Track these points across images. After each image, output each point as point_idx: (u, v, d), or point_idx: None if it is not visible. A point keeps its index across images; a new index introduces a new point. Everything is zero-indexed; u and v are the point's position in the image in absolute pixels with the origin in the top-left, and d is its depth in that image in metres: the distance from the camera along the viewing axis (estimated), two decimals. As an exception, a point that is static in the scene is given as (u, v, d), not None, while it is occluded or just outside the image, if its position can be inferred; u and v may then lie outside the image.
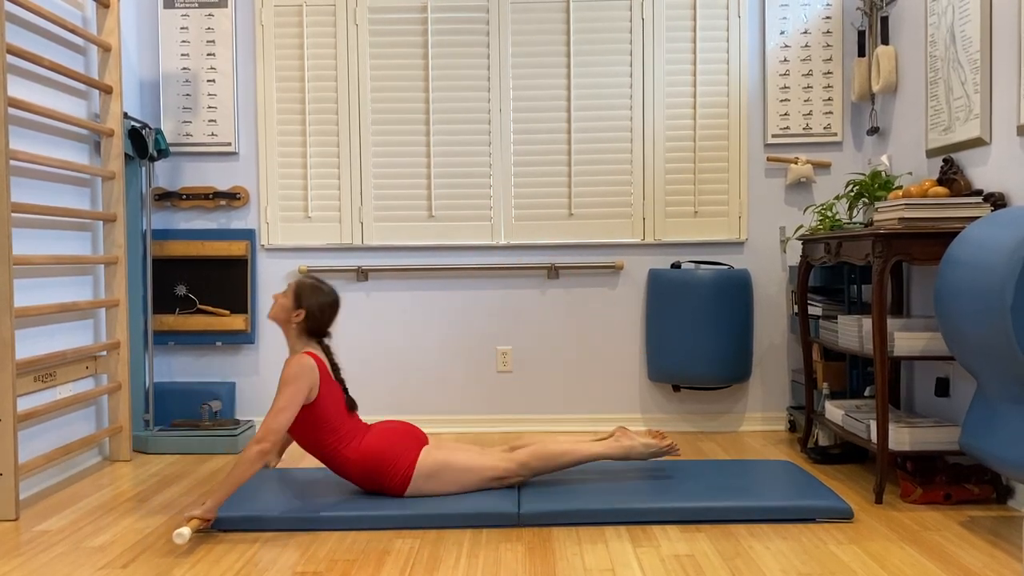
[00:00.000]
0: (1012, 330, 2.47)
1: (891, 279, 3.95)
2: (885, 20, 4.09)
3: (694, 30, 4.50)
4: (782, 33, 4.50)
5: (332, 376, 3.10)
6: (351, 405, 3.13)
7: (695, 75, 4.51)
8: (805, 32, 4.49)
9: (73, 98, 3.87)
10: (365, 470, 3.07)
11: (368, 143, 4.55)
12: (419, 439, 3.17)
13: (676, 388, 4.54)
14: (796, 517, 2.99)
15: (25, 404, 3.44)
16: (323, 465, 3.73)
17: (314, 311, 3.10)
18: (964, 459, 3.41)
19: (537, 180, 4.54)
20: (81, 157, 3.92)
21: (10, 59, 3.39)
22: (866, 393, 3.98)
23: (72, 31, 3.70)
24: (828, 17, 4.48)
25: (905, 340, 3.26)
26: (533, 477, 3.21)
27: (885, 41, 4.09)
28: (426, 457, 3.09)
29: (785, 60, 4.50)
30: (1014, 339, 2.47)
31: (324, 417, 3.03)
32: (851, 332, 3.55)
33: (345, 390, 3.14)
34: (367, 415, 4.55)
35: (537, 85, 4.53)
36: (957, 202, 3.17)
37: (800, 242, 4.50)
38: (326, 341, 3.17)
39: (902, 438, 3.22)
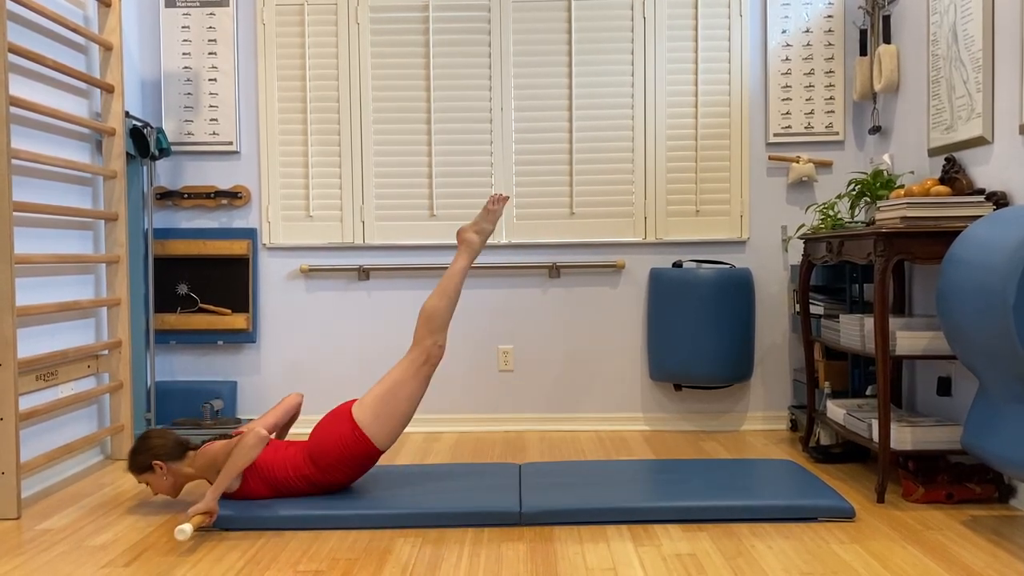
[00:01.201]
0: (1014, 329, 2.47)
1: (893, 278, 3.95)
2: (887, 19, 4.08)
3: (695, 29, 4.50)
4: (784, 32, 4.49)
5: (222, 444, 3.10)
6: (227, 436, 3.17)
7: (697, 74, 4.51)
8: (807, 31, 4.49)
9: (75, 97, 3.87)
10: (330, 468, 3.08)
11: (369, 142, 4.55)
12: (344, 406, 3.17)
13: (678, 387, 4.54)
14: (798, 516, 2.99)
15: (27, 403, 3.44)
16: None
17: (163, 451, 3.08)
18: (966, 458, 3.41)
19: (538, 179, 4.54)
20: (83, 156, 3.92)
21: (12, 58, 3.39)
22: (868, 392, 3.98)
23: (74, 30, 3.70)
24: (830, 16, 4.48)
25: (907, 339, 3.26)
26: (444, 331, 3.21)
27: (887, 40, 4.09)
28: (359, 409, 3.11)
29: (787, 59, 4.49)
30: (1016, 338, 2.47)
31: (266, 461, 3.07)
32: (853, 331, 3.54)
33: (224, 435, 3.16)
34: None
35: (538, 84, 4.53)
36: (959, 201, 3.17)
37: (802, 241, 4.50)
38: (190, 449, 3.15)
39: (904, 437, 3.22)
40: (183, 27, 4.53)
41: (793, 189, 4.55)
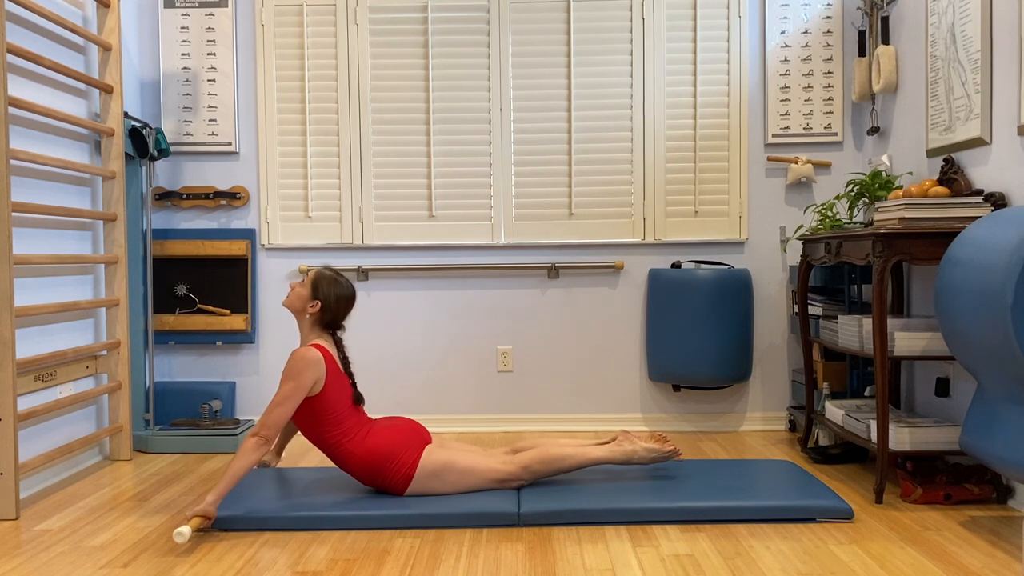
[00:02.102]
0: (1012, 330, 2.47)
1: (891, 279, 3.95)
2: (885, 20, 4.09)
3: (694, 30, 4.50)
4: (783, 33, 4.50)
5: (340, 369, 3.11)
6: (357, 399, 3.14)
7: (695, 75, 4.51)
8: (805, 32, 4.49)
9: (74, 98, 3.87)
10: (367, 466, 3.07)
11: (368, 143, 4.55)
12: (423, 438, 3.17)
13: (676, 388, 4.54)
14: (796, 517, 2.99)
15: (25, 403, 3.44)
16: (323, 464, 3.73)
17: (330, 303, 3.12)
18: (964, 459, 3.41)
19: (537, 180, 4.54)
20: (82, 157, 3.92)
21: (11, 58, 3.40)
22: (866, 393, 3.98)
23: (72, 30, 3.70)
24: (828, 17, 4.48)
25: (905, 340, 3.26)
26: (534, 480, 3.21)
27: (885, 41, 4.09)
28: (429, 456, 3.09)
29: (786, 60, 4.50)
30: (1014, 339, 2.47)
31: (329, 410, 3.04)
32: (851, 332, 3.55)
33: (353, 384, 3.15)
34: (368, 414, 4.55)
35: (538, 85, 4.53)
36: (957, 202, 3.17)
37: (800, 242, 4.50)
38: (339, 334, 3.19)
39: (902, 438, 3.22)
40: (182, 28, 4.53)
41: (792, 190, 4.55)
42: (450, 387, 4.59)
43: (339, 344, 3.17)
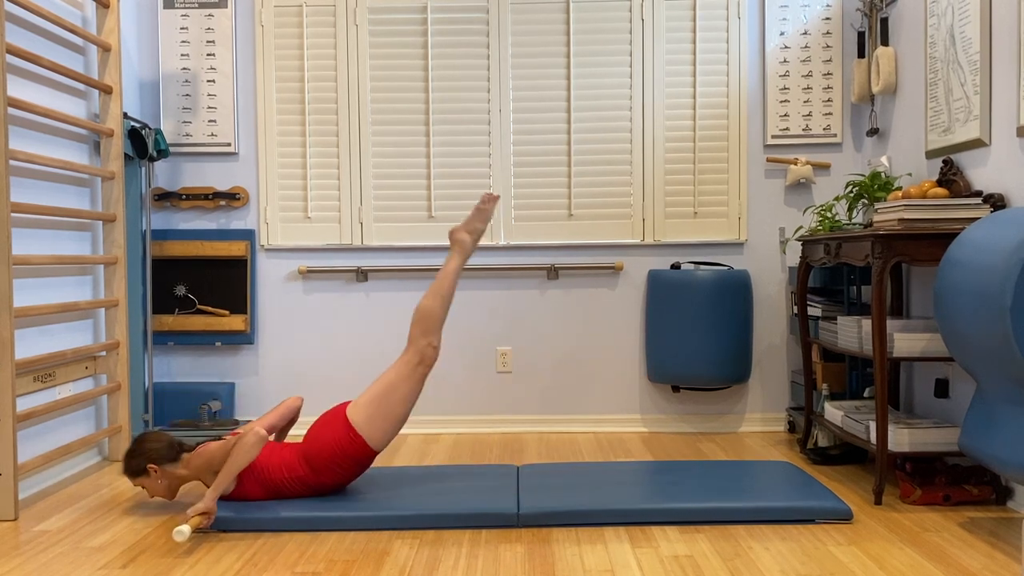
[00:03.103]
0: (1011, 331, 2.47)
1: (891, 280, 3.95)
2: (885, 21, 4.09)
3: (694, 31, 4.50)
4: (782, 34, 4.50)
5: (222, 449, 3.08)
6: (221, 437, 3.16)
7: (695, 76, 4.51)
8: (805, 33, 4.50)
9: (73, 98, 3.87)
10: (324, 469, 3.07)
11: (368, 143, 4.55)
12: (338, 408, 3.18)
13: (676, 389, 4.54)
14: (795, 518, 2.99)
15: (24, 404, 3.44)
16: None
17: (157, 454, 3.07)
18: (963, 460, 3.41)
19: (537, 181, 4.54)
20: (81, 157, 3.92)
21: (10, 59, 3.39)
22: (865, 394, 3.98)
23: (72, 31, 3.70)
24: (828, 18, 4.49)
25: (904, 341, 3.26)
26: (438, 332, 3.21)
27: (885, 42, 4.09)
28: (353, 410, 3.11)
29: (785, 61, 4.50)
30: (1013, 340, 2.47)
31: (262, 465, 3.07)
32: (851, 333, 3.55)
33: (218, 436, 3.19)
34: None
35: (537, 86, 4.53)
36: (957, 203, 3.17)
37: (800, 243, 4.50)
38: (185, 450, 3.14)
39: (901, 439, 3.22)
40: (181, 28, 4.53)
41: (791, 191, 4.55)
42: (449, 388, 4.59)
43: (194, 447, 3.15)
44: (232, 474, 2.90)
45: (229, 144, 4.55)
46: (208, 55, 4.54)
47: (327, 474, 3.09)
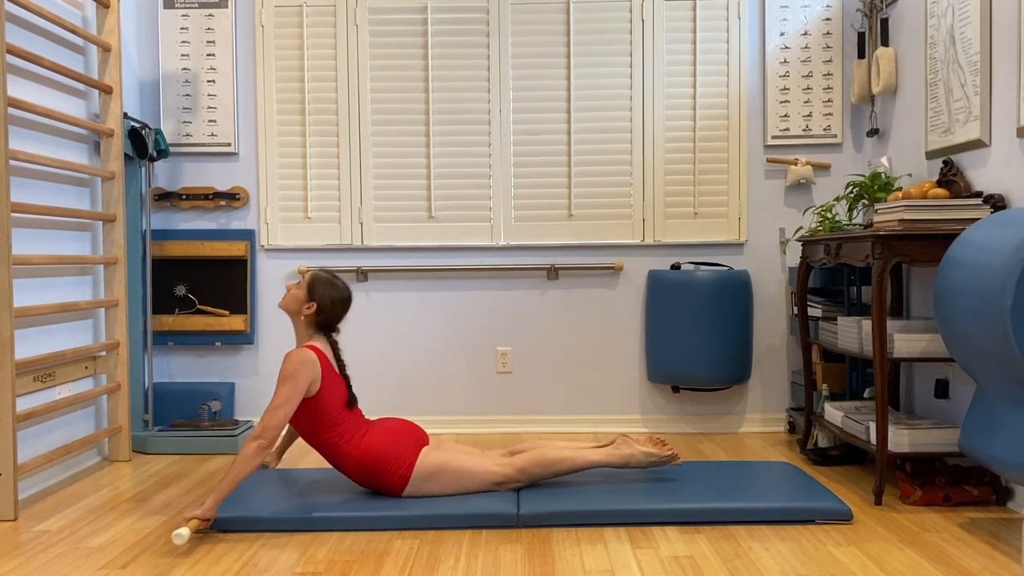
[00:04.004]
0: (1012, 332, 2.47)
1: (891, 280, 3.96)
2: (885, 22, 4.09)
3: (694, 31, 4.50)
4: (782, 34, 4.50)
5: (336, 370, 3.10)
6: (351, 401, 3.13)
7: (695, 76, 4.51)
8: (805, 34, 4.50)
9: (73, 98, 3.87)
10: (363, 467, 3.07)
11: (368, 144, 4.55)
12: (420, 439, 3.17)
13: (676, 389, 4.54)
14: (795, 519, 2.99)
15: (24, 404, 3.44)
16: (322, 465, 3.73)
17: (326, 305, 3.11)
18: (964, 461, 3.41)
19: (537, 181, 4.54)
20: (81, 157, 3.92)
21: (10, 59, 3.39)
22: (866, 394, 3.98)
23: (72, 31, 3.70)
24: (828, 19, 4.49)
25: (905, 342, 3.26)
26: (531, 483, 3.21)
27: (885, 43, 4.09)
28: (426, 458, 3.09)
29: (785, 61, 4.50)
30: (1014, 341, 2.47)
31: (324, 411, 3.03)
32: (851, 333, 3.55)
33: (349, 386, 3.14)
34: (367, 415, 4.55)
35: (537, 86, 4.53)
36: (957, 204, 3.17)
37: (800, 243, 4.50)
38: (334, 336, 3.19)
39: (901, 440, 3.22)
40: (182, 28, 4.53)
41: (791, 191, 4.55)
42: (449, 388, 4.59)
43: (334, 346, 3.17)
44: (232, 485, 2.85)
45: (229, 144, 4.55)
46: (208, 55, 4.54)
47: (362, 471, 3.07)
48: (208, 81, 4.54)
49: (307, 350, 3.02)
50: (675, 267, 4.47)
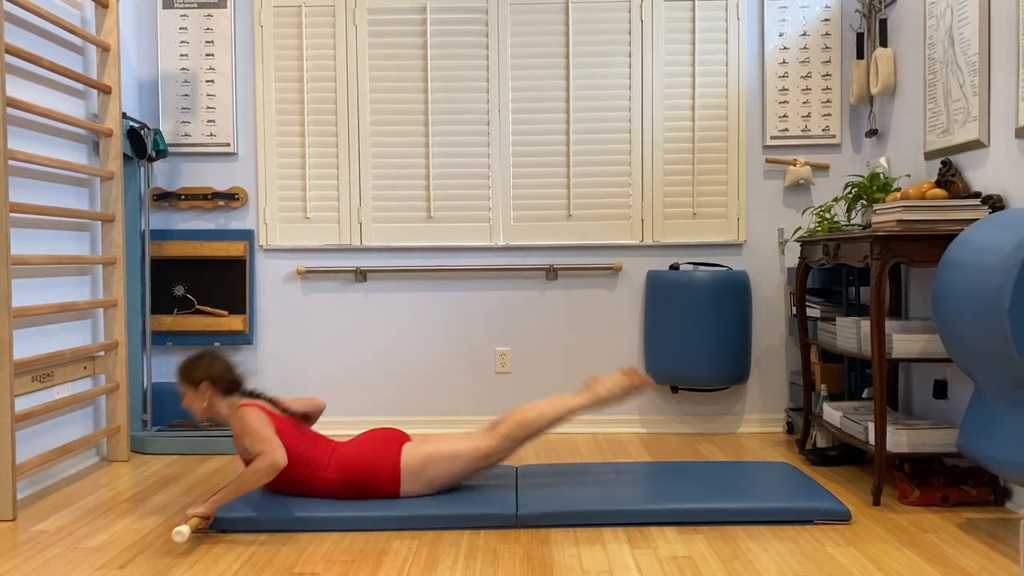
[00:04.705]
0: (1010, 332, 2.47)
1: (889, 281, 3.96)
2: (884, 22, 4.09)
3: (693, 32, 4.50)
4: (781, 35, 4.50)
5: (270, 408, 3.08)
6: (301, 420, 3.13)
7: (694, 76, 4.51)
8: (804, 34, 4.50)
9: (72, 98, 3.87)
10: (349, 483, 3.06)
11: (367, 144, 4.55)
12: (398, 438, 3.16)
13: (674, 389, 4.54)
14: (794, 519, 2.99)
15: (23, 404, 3.44)
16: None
17: (215, 374, 3.07)
18: (962, 461, 3.41)
19: (536, 181, 4.54)
20: (80, 157, 3.92)
21: (9, 59, 3.39)
22: (864, 395, 3.98)
23: (71, 31, 3.70)
24: (827, 19, 4.49)
25: (903, 342, 3.26)
26: (520, 447, 3.19)
27: (884, 43, 4.09)
28: (409, 453, 3.09)
29: (784, 62, 4.50)
30: (1012, 342, 2.47)
31: (290, 451, 3.03)
32: (849, 334, 3.55)
33: (292, 413, 3.12)
34: (365, 416, 4.55)
35: (536, 86, 4.53)
36: (955, 204, 3.17)
37: (798, 244, 4.50)
38: (245, 390, 3.14)
39: (900, 440, 3.22)
40: (180, 28, 4.53)
41: (790, 192, 4.55)
42: (448, 388, 4.59)
43: (253, 394, 3.13)
44: (238, 493, 2.85)
45: (228, 144, 4.55)
46: (207, 55, 4.54)
47: (347, 487, 3.07)
48: (207, 81, 4.54)
49: (242, 408, 3.01)
50: (674, 267, 4.47)
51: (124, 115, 4.11)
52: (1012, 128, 3.10)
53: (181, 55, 4.54)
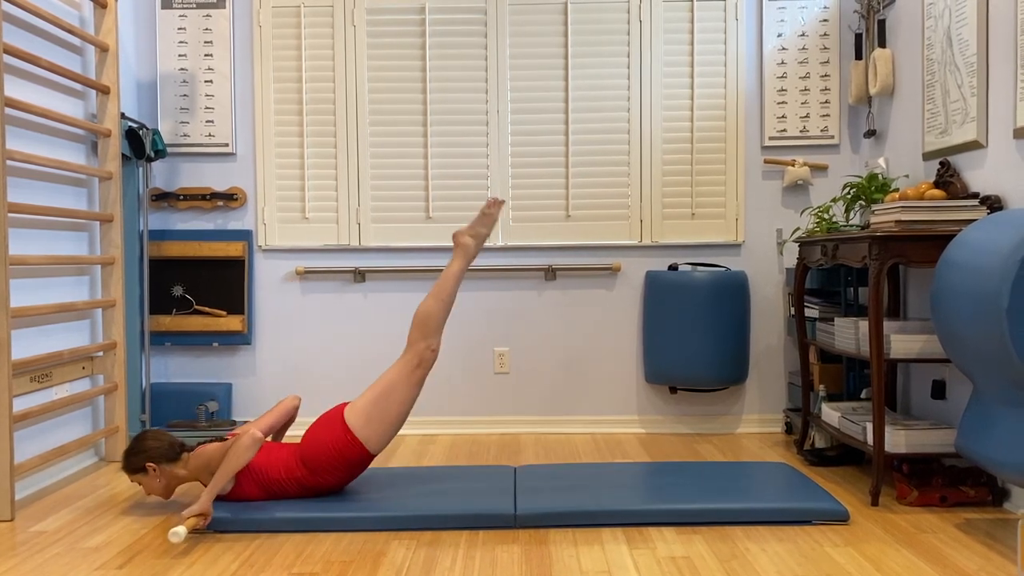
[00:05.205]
0: (1008, 333, 2.48)
1: (887, 281, 3.96)
2: (882, 23, 4.09)
3: (692, 32, 4.50)
4: (779, 36, 4.50)
5: (217, 446, 3.10)
6: (222, 438, 3.16)
7: (693, 77, 4.52)
8: (802, 35, 4.50)
9: (70, 98, 3.87)
10: (320, 471, 3.07)
11: (366, 144, 4.55)
12: (337, 409, 3.17)
13: (673, 390, 4.54)
14: (792, 519, 2.99)
15: (21, 404, 3.44)
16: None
17: (157, 453, 3.07)
18: (960, 461, 3.41)
19: (535, 182, 4.55)
20: (78, 157, 3.92)
21: (7, 59, 3.39)
22: (862, 395, 3.98)
23: (69, 31, 3.70)
24: (825, 20, 4.49)
25: (901, 342, 3.26)
26: (438, 337, 3.20)
27: (882, 44, 4.10)
28: (351, 412, 3.10)
29: (782, 63, 4.50)
30: (1010, 342, 2.48)
31: (254, 471, 3.06)
32: (848, 334, 3.55)
33: (219, 437, 3.16)
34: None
35: (535, 87, 4.53)
36: (953, 205, 3.18)
37: (797, 244, 4.51)
38: (188, 447, 3.16)
39: (898, 440, 3.22)
40: (179, 28, 4.53)
41: (788, 192, 4.55)
42: (447, 389, 4.59)
43: (196, 446, 3.15)
44: (228, 476, 2.90)
45: (227, 144, 4.55)
46: (206, 55, 4.54)
47: (324, 475, 3.09)
48: (206, 81, 4.54)
49: (194, 452, 3.09)
50: (672, 268, 4.47)
51: (123, 115, 4.11)
52: (1010, 129, 3.10)
53: (180, 55, 4.54)
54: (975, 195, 3.29)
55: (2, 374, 3.10)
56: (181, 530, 2.70)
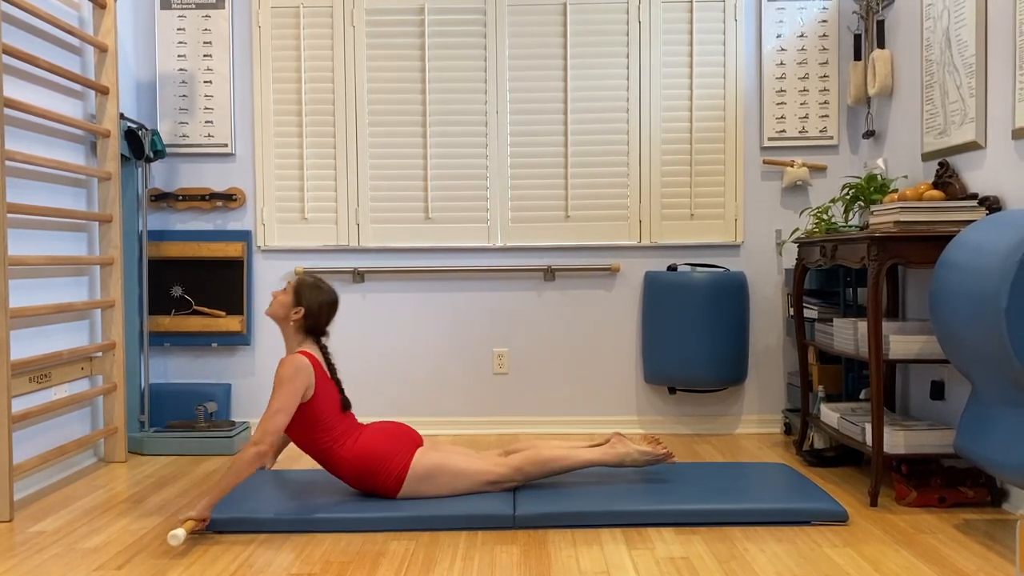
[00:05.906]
0: (1006, 334, 2.48)
1: (886, 282, 3.96)
2: (881, 24, 4.10)
3: (691, 32, 4.51)
4: (778, 36, 4.50)
5: (328, 375, 3.11)
6: (345, 405, 3.13)
7: (692, 77, 4.52)
8: (801, 35, 4.50)
9: (69, 99, 3.87)
10: (358, 470, 3.06)
11: (365, 145, 4.55)
12: (414, 440, 3.17)
13: (672, 390, 4.54)
14: (791, 520, 2.99)
15: (20, 405, 3.44)
16: (318, 467, 3.73)
17: (313, 309, 3.11)
18: (959, 462, 3.41)
19: (534, 182, 4.55)
20: (77, 158, 3.92)
21: (6, 59, 3.39)
22: (861, 396, 3.98)
23: (69, 32, 3.70)
24: (824, 20, 4.49)
25: (900, 343, 3.26)
26: (527, 482, 3.21)
27: (881, 45, 4.10)
28: (420, 459, 3.09)
29: (781, 63, 4.51)
30: (1008, 343, 2.48)
31: (319, 416, 3.03)
32: (847, 335, 3.55)
33: (341, 390, 3.14)
34: (363, 416, 4.55)
35: (534, 87, 4.53)
36: (952, 206, 3.18)
37: (796, 245, 4.51)
38: (323, 340, 3.18)
39: (897, 441, 3.23)
40: (178, 29, 4.53)
41: (787, 193, 4.56)
42: (446, 389, 4.59)
43: (324, 351, 3.16)
44: (227, 489, 2.86)
45: (226, 145, 4.55)
46: (205, 56, 4.54)
47: (356, 474, 3.07)
48: (205, 82, 4.54)
49: (300, 356, 3.02)
50: (672, 268, 4.47)
51: (122, 116, 4.10)
52: (1009, 129, 3.10)
53: (179, 56, 4.54)
54: (974, 196, 3.29)
55: (1, 374, 3.10)
56: (180, 532, 2.70)
